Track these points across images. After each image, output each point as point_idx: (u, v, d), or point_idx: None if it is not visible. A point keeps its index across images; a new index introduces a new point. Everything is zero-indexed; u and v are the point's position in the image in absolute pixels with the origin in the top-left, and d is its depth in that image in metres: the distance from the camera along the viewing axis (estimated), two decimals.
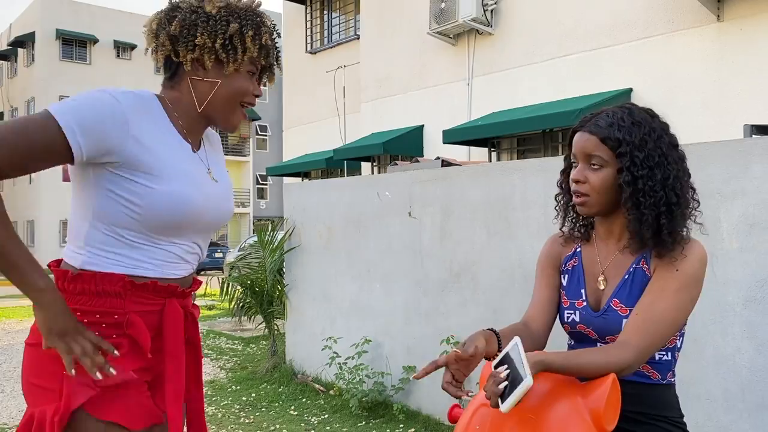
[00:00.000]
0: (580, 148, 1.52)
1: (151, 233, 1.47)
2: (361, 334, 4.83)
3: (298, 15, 12.87)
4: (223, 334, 8.24)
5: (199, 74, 1.54)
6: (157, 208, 1.44)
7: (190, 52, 1.50)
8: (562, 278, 1.67)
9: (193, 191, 1.50)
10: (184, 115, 1.56)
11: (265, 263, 5.67)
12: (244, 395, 5.19)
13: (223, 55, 1.51)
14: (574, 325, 1.61)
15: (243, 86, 1.56)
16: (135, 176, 1.43)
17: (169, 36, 1.51)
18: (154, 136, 1.47)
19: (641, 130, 1.49)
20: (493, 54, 8.24)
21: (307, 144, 12.24)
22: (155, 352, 1.51)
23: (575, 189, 1.53)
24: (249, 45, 1.52)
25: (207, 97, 1.54)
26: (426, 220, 4.46)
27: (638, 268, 1.53)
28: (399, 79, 9.63)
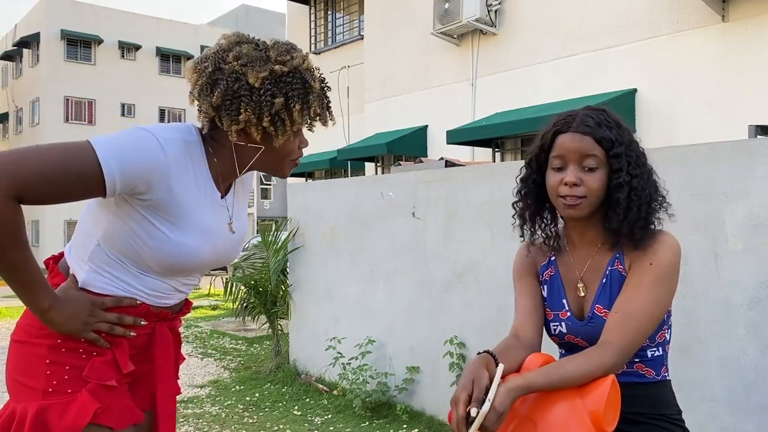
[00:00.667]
0: (576, 149, 1.46)
1: (152, 269, 1.48)
2: (365, 335, 4.83)
3: (302, 15, 12.88)
4: (227, 334, 8.25)
5: (243, 140, 1.46)
6: (165, 254, 1.44)
7: (235, 125, 1.41)
8: (542, 289, 1.64)
9: (205, 246, 1.50)
10: (223, 164, 1.50)
11: (268, 263, 5.67)
12: (247, 395, 5.19)
13: (271, 129, 1.42)
14: (562, 336, 1.60)
15: (290, 150, 1.50)
16: (156, 220, 1.41)
17: (212, 105, 1.42)
18: (187, 188, 1.43)
19: (623, 130, 1.49)
20: (498, 54, 8.23)
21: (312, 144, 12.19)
22: (139, 362, 1.54)
23: (569, 193, 1.46)
24: (296, 118, 1.43)
25: (248, 162, 1.50)
26: (430, 221, 4.45)
27: (614, 270, 1.52)
28: (403, 79, 9.63)
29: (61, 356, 1.43)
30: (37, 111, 30.60)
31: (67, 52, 30.45)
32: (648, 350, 1.52)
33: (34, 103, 30.97)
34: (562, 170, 1.49)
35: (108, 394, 1.44)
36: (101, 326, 1.43)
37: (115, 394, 1.46)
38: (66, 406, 1.40)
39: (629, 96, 6.92)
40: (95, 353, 1.46)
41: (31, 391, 1.42)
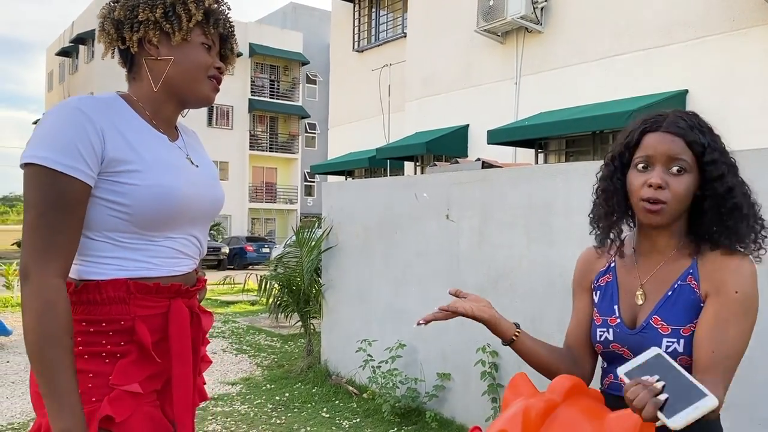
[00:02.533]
0: (664, 150, 1.37)
1: (144, 231, 1.41)
2: (396, 338, 4.74)
3: (346, 13, 12.85)
4: (263, 330, 8.27)
5: (151, 54, 1.47)
6: (145, 204, 1.38)
7: (136, 33, 1.44)
8: (594, 295, 1.57)
9: (176, 180, 1.44)
10: (149, 104, 1.49)
11: (302, 262, 5.63)
12: (277, 394, 5.16)
13: (167, 26, 1.44)
14: (607, 344, 1.50)
15: (198, 58, 1.49)
16: (118, 177, 1.37)
17: (114, 23, 1.46)
18: (128, 134, 1.40)
19: (716, 136, 1.40)
20: (543, 52, 8.01)
21: (352, 142, 12.20)
22: (163, 355, 1.45)
23: (652, 196, 1.36)
24: (193, 10, 1.45)
25: (162, 75, 1.48)
26: (464, 224, 4.33)
27: (685, 285, 1.40)
28: (445, 77, 9.48)
29: (84, 364, 1.35)
30: None
31: None
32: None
33: None
34: (646, 171, 1.40)
35: (132, 401, 1.36)
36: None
37: (140, 402, 1.38)
38: (90, 416, 1.32)
39: (679, 97, 6.63)
40: (119, 354, 1.38)
41: None
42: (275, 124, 35.90)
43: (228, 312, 10.06)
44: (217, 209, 1.61)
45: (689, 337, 1.36)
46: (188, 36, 1.46)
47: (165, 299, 1.44)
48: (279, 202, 34.36)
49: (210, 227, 15.80)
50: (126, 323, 1.39)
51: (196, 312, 1.55)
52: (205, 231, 1.61)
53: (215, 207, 1.59)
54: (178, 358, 1.45)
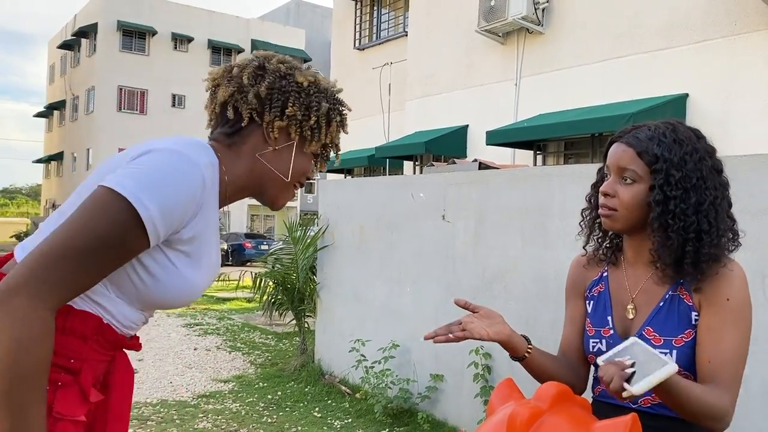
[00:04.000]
0: (615, 160, 1.43)
1: (137, 303, 1.31)
2: (390, 338, 4.71)
3: (348, 11, 12.80)
4: (258, 328, 8.24)
5: (272, 143, 1.36)
6: (167, 288, 1.28)
7: (278, 120, 1.34)
8: (587, 305, 1.57)
9: (206, 282, 1.36)
10: (232, 183, 1.36)
11: (296, 260, 5.60)
12: (270, 393, 5.13)
13: (308, 133, 1.36)
14: (600, 354, 1.47)
15: (307, 167, 1.42)
16: (172, 253, 1.26)
17: (257, 95, 1.34)
18: (210, 219, 1.30)
19: (682, 148, 1.39)
20: (543, 54, 7.97)
21: (351, 141, 12.16)
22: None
23: (603, 202, 1.45)
24: (333, 130, 1.41)
25: (274, 166, 1.37)
26: (459, 224, 4.30)
27: (675, 296, 1.41)
28: (445, 77, 9.45)
29: None
30: (92, 99, 31.51)
31: (122, 43, 31.23)
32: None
33: (89, 92, 31.88)
34: (605, 180, 1.48)
35: (74, 429, 1.25)
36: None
37: (79, 430, 1.27)
38: None
39: (680, 101, 6.59)
40: (60, 383, 1.24)
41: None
42: None
43: (224, 309, 10.04)
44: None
45: (682, 347, 1.37)
46: (315, 149, 1.40)
47: (113, 350, 1.36)
48: None
49: None
50: (75, 363, 1.26)
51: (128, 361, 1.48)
52: None
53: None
54: (115, 418, 1.36)
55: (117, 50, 31.15)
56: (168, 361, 6.25)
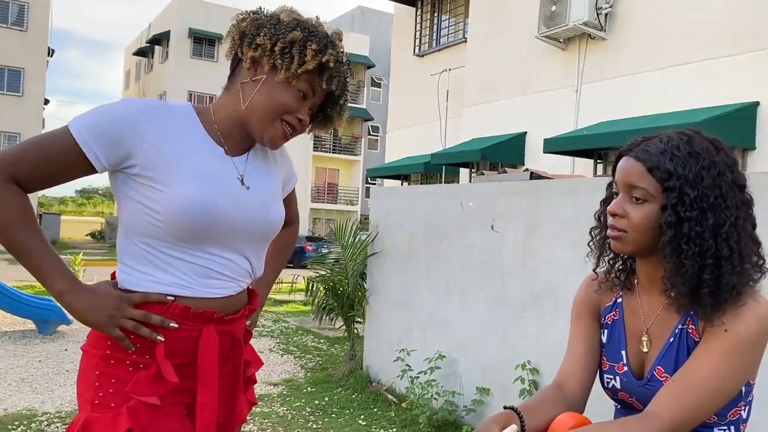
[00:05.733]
0: (624, 177, 1.29)
1: (179, 242, 1.41)
2: (436, 348, 4.66)
3: (408, 17, 12.82)
4: (311, 331, 8.33)
5: (251, 75, 1.47)
6: (174, 212, 1.38)
7: (252, 50, 1.44)
8: (602, 334, 1.44)
9: (212, 194, 1.42)
10: (222, 120, 1.50)
11: (346, 265, 5.63)
12: (317, 398, 5.17)
13: (278, 61, 1.43)
14: (615, 392, 1.40)
15: (286, 100, 1.45)
16: (150, 181, 1.39)
17: (239, 32, 1.48)
18: (170, 138, 1.42)
19: (698, 162, 1.23)
20: (605, 60, 7.75)
21: (409, 147, 12.16)
22: (192, 376, 1.45)
23: (611, 223, 1.31)
24: (308, 58, 1.42)
25: (250, 96, 1.47)
26: (508, 235, 4.22)
27: (684, 329, 1.29)
28: (504, 83, 9.32)
29: (109, 367, 1.40)
30: None
31: (193, 50, 32.28)
32: (715, 428, 1.28)
33: (161, 97, 33.06)
34: (614, 198, 1.34)
35: (149, 413, 1.37)
36: (126, 323, 1.37)
37: (158, 414, 1.38)
38: (106, 422, 1.35)
39: (750, 109, 6.27)
40: (142, 365, 1.40)
41: (84, 402, 1.41)
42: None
43: (279, 311, 10.19)
44: (270, 232, 1.57)
45: None
46: (293, 80, 1.44)
47: (196, 324, 1.44)
48: (340, 203, 34.67)
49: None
50: (152, 340, 1.41)
51: (238, 338, 1.54)
52: (258, 252, 1.57)
53: (266, 229, 1.55)
54: (204, 385, 1.45)
55: (188, 57, 32.21)
56: None
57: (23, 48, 26.99)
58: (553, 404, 1.36)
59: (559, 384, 1.42)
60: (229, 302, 1.50)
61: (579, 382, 1.42)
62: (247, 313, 1.58)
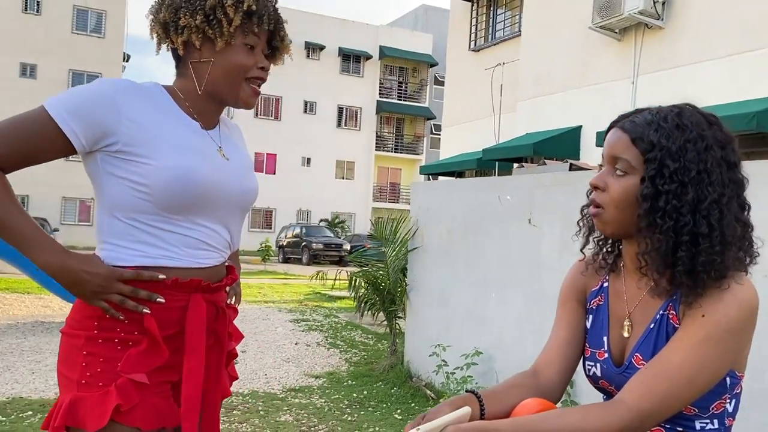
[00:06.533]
0: (608, 148, 1.24)
1: (167, 213, 1.43)
2: (474, 345, 4.58)
3: (464, 12, 12.70)
4: (360, 327, 8.37)
5: (195, 56, 1.50)
6: (162, 184, 1.40)
7: (180, 36, 1.47)
8: (587, 320, 1.38)
9: (197, 164, 1.45)
10: (191, 99, 1.53)
11: (387, 260, 5.63)
12: (356, 391, 5.18)
13: (209, 32, 1.45)
14: (596, 380, 1.33)
15: (239, 60, 1.49)
16: (134, 156, 1.41)
17: (161, 24, 1.49)
18: (151, 116, 1.44)
19: (684, 135, 1.16)
20: (663, 49, 7.43)
21: (463, 143, 12.04)
22: (179, 348, 1.47)
23: (591, 197, 1.26)
24: (232, 15, 1.44)
25: (204, 78, 1.50)
26: (546, 229, 4.10)
27: (665, 315, 1.21)
28: (558, 76, 9.09)
29: (97, 347, 1.41)
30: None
31: None
32: (697, 421, 1.19)
33: None
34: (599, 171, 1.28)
35: (138, 391, 1.39)
36: (113, 297, 1.39)
37: (146, 393, 1.40)
38: (95, 400, 1.37)
39: None
40: (131, 343, 1.42)
41: (69, 382, 1.41)
42: (401, 125, 36.35)
43: (333, 307, 10.30)
44: (249, 200, 1.61)
45: None
46: (231, 40, 1.47)
47: (183, 294, 1.46)
48: (402, 202, 34.77)
49: (334, 224, 16.28)
50: (138, 314, 1.42)
51: (222, 307, 1.56)
52: (237, 224, 1.61)
53: (246, 198, 1.58)
54: (192, 353, 1.47)
55: None
56: (269, 354, 6.50)
57: (100, 54, 28.38)
58: (523, 390, 1.31)
59: (535, 371, 1.37)
60: (211, 272, 1.53)
61: (556, 370, 1.36)
62: (229, 282, 1.61)
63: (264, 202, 32.35)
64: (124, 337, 1.42)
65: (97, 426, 1.35)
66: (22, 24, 27.28)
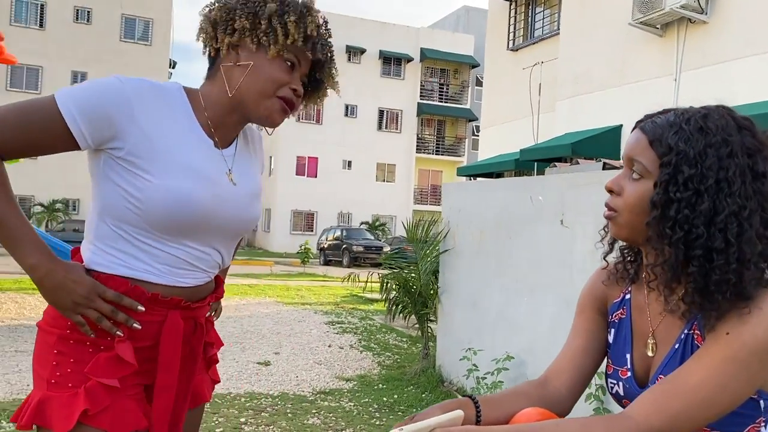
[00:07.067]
0: (627, 149, 1.17)
1: (156, 231, 1.38)
2: (505, 349, 4.47)
3: (502, 12, 12.54)
4: (395, 329, 8.32)
5: (232, 59, 1.43)
6: (156, 203, 1.34)
7: (229, 36, 1.41)
8: (609, 334, 1.29)
9: (198, 189, 1.38)
10: (213, 108, 1.45)
11: (418, 262, 5.56)
12: (386, 395, 5.13)
13: (263, 38, 1.39)
14: (619, 399, 1.25)
15: (278, 74, 1.42)
16: (136, 168, 1.35)
17: (211, 22, 1.44)
18: (161, 126, 1.37)
19: (706, 139, 1.06)
20: (707, 45, 7.15)
21: (502, 144, 11.87)
22: (154, 359, 1.44)
23: (606, 201, 1.18)
24: (291, 30, 1.39)
25: (238, 82, 1.42)
26: (578, 230, 3.97)
27: (690, 335, 1.12)
28: (598, 74, 8.86)
29: (68, 348, 1.38)
30: None
31: None
32: None
33: None
34: None
35: (107, 394, 1.36)
36: (91, 314, 1.34)
37: (116, 396, 1.37)
38: (63, 401, 1.34)
39: None
40: (102, 347, 1.38)
41: (40, 380, 1.39)
42: (443, 127, 36.19)
43: (369, 309, 10.27)
44: (246, 229, 1.55)
45: None
46: (283, 52, 1.41)
47: (162, 309, 1.42)
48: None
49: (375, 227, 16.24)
50: (114, 322, 1.38)
51: (200, 323, 1.52)
52: (230, 246, 1.56)
53: (243, 226, 1.53)
54: (164, 370, 1.44)
55: None
56: (301, 356, 6.50)
57: (148, 61, 29.13)
58: (527, 399, 1.24)
59: (544, 380, 1.30)
60: (196, 291, 1.48)
61: (566, 380, 1.28)
62: (212, 300, 1.56)
63: (305, 205, 32.63)
64: (95, 340, 1.38)
65: (64, 428, 1.31)
66: (74, 33, 28.22)
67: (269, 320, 8.69)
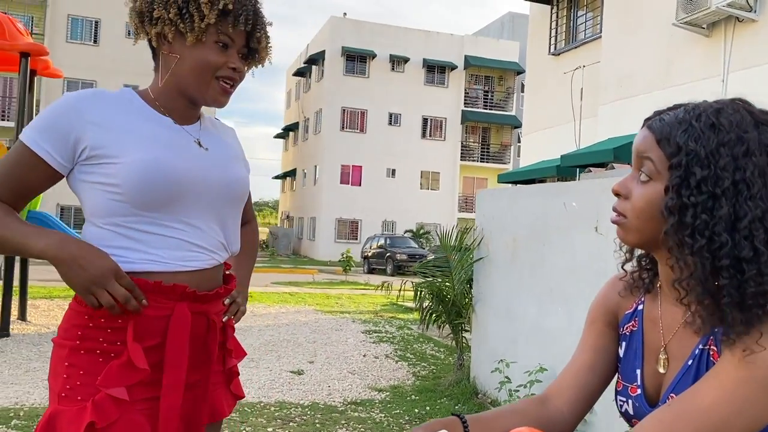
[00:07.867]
0: (634, 149, 1.07)
1: (146, 211, 1.39)
2: (539, 360, 4.33)
3: (544, 16, 12.33)
4: (432, 339, 8.20)
5: (165, 49, 1.47)
6: (131, 179, 1.36)
7: (154, 27, 1.45)
8: (620, 348, 1.20)
9: (167, 155, 1.41)
10: (160, 96, 1.50)
11: (452, 271, 5.45)
12: (418, 407, 5.03)
13: (181, 26, 1.42)
14: (628, 417, 1.16)
15: (207, 58, 1.44)
16: (103, 158, 1.39)
17: (137, 14, 1.47)
18: (116, 117, 1.42)
19: (719, 137, 0.96)
20: (756, 44, 6.84)
21: (544, 150, 11.63)
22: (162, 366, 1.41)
23: (613, 205, 1.09)
24: (205, 12, 1.40)
25: (175, 70, 1.47)
26: (613, 237, 3.81)
27: (705, 351, 1.02)
28: (641, 77, 8.59)
29: (79, 359, 1.37)
30: (320, 120, 34.37)
31: (345, 67, 33.63)
32: None
33: (318, 114, 34.84)
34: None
35: (116, 408, 1.34)
36: (102, 295, 1.31)
37: (125, 409, 1.35)
38: (71, 415, 1.32)
39: None
40: (113, 354, 1.37)
41: (53, 394, 1.39)
42: (487, 134, 35.87)
43: (407, 318, 10.17)
44: (235, 192, 1.54)
45: None
46: (202, 36, 1.43)
47: (168, 301, 1.40)
48: None
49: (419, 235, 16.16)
50: (123, 322, 1.37)
51: (213, 320, 1.48)
52: (231, 221, 1.54)
53: (232, 188, 1.52)
54: (171, 369, 1.40)
55: (341, 74, 33.59)
56: (335, 365, 6.45)
57: None
58: (522, 417, 1.15)
59: (545, 398, 1.21)
60: (201, 276, 1.46)
61: (569, 399, 1.18)
62: (222, 292, 1.52)
63: (350, 213, 32.76)
64: (106, 348, 1.37)
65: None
66: (125, 48, 29.12)
67: (306, 328, 8.69)
